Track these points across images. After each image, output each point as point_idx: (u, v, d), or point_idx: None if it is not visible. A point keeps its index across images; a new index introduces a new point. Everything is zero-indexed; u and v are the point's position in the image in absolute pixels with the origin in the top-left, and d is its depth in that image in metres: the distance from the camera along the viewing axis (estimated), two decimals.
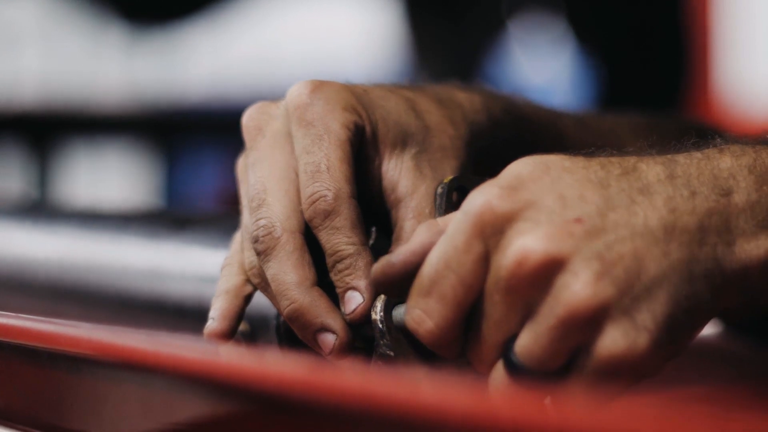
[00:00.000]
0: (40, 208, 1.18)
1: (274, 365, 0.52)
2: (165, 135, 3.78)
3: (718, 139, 0.61)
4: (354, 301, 0.63)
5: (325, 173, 0.63)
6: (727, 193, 0.58)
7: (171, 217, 0.78)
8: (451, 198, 0.66)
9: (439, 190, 0.66)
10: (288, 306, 0.63)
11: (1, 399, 0.66)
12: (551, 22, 2.54)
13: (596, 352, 0.56)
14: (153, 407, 0.57)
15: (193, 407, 0.54)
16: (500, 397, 0.52)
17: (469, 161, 0.69)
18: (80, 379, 0.61)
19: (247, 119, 0.67)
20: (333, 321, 0.63)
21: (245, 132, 0.67)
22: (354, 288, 0.63)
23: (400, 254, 0.60)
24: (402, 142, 0.67)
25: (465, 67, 2.52)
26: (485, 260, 0.57)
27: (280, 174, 0.65)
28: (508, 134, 0.74)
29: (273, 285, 0.63)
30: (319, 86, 0.66)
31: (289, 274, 0.63)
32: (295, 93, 0.65)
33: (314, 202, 0.63)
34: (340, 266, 0.63)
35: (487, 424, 0.42)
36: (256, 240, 0.63)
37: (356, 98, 0.66)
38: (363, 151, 0.66)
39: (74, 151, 3.73)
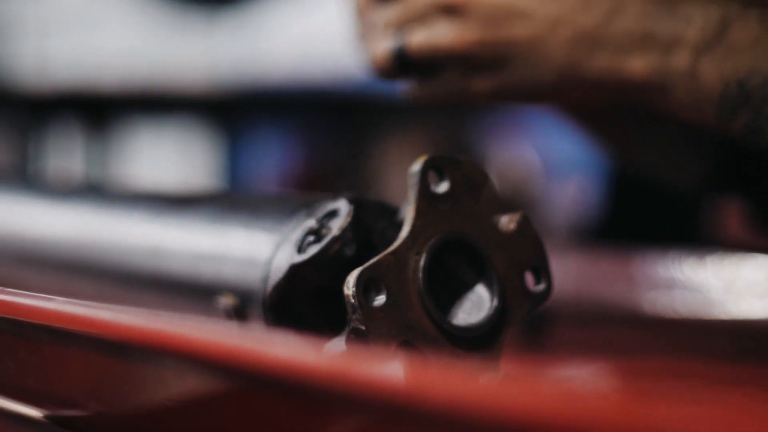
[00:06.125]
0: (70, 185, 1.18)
1: (257, 344, 0.50)
2: (237, 115, 3.78)
3: None
4: None
5: None
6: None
7: (173, 195, 0.77)
8: (425, 177, 0.64)
9: (414, 168, 0.64)
10: None
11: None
12: None
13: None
14: (132, 382, 0.56)
15: (181, 385, 0.53)
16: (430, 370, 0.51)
17: None
18: (82, 357, 0.60)
19: None
20: None
21: None
22: None
23: None
24: None
25: None
26: None
27: None
28: None
29: None
30: None
31: None
32: None
33: None
34: None
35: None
36: None
37: None
38: None
39: (143, 131, 3.76)
